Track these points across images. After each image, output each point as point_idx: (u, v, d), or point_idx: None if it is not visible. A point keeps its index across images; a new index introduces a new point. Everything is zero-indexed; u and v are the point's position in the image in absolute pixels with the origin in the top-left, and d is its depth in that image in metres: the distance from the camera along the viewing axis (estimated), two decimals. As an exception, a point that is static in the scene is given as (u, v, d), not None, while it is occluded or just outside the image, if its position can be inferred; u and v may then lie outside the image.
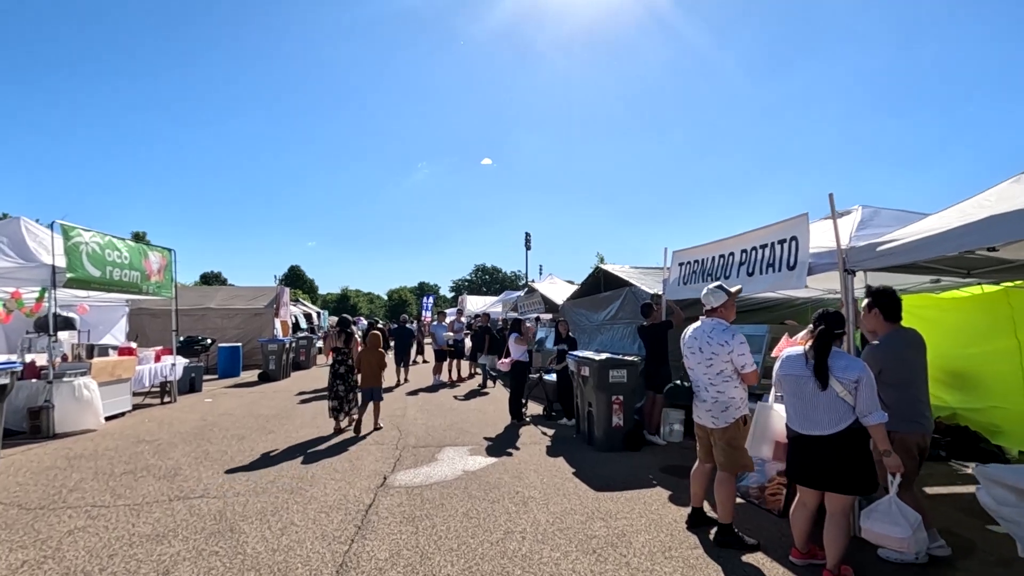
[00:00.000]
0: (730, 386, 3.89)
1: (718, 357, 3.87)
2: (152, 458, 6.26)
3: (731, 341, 3.83)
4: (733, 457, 3.89)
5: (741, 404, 3.91)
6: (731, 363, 3.86)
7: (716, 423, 3.92)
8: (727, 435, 3.89)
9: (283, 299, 21.59)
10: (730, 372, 3.88)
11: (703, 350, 3.95)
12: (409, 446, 6.81)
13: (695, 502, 4.27)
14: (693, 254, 6.80)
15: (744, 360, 3.83)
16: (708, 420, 3.98)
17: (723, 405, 3.90)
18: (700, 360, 3.99)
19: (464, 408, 9.81)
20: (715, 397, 3.92)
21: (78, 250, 8.05)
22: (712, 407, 3.94)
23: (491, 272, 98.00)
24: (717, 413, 3.91)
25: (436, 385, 13.26)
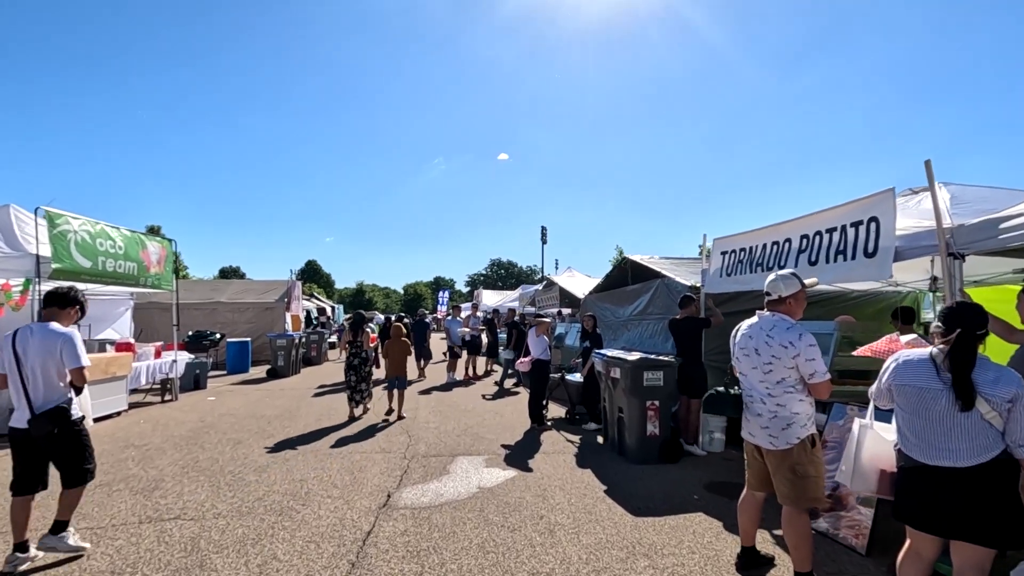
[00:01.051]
0: (794, 398, 3.10)
1: (779, 362, 3.09)
2: (135, 467, 5.65)
3: (797, 342, 3.04)
4: (800, 488, 3.08)
5: (807, 421, 3.12)
6: (796, 369, 3.07)
7: (774, 443, 3.13)
8: (789, 460, 3.10)
9: (295, 293, 21.11)
10: (794, 381, 3.09)
11: (760, 352, 3.17)
12: (419, 455, 6.12)
13: (745, 540, 3.49)
14: (739, 241, 5.98)
15: (814, 366, 3.04)
16: (764, 439, 3.19)
17: (784, 421, 3.11)
18: (756, 365, 3.21)
19: (480, 410, 9.10)
20: (773, 411, 3.13)
21: (65, 239, 7.49)
22: (769, 423, 3.15)
23: (507, 267, 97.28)
24: (776, 431, 3.12)
25: (450, 383, 12.58)
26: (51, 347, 3.48)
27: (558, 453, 6.29)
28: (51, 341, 3.49)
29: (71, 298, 3.74)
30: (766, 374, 3.15)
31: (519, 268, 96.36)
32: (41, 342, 3.48)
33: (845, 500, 3.91)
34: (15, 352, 3.47)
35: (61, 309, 3.69)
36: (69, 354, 3.52)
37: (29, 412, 3.44)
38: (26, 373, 3.46)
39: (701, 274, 6.69)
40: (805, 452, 3.09)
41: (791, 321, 3.19)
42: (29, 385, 3.46)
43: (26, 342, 3.48)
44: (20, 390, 3.47)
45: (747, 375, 3.32)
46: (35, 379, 3.47)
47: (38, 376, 3.47)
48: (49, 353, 3.48)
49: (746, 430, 3.35)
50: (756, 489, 3.40)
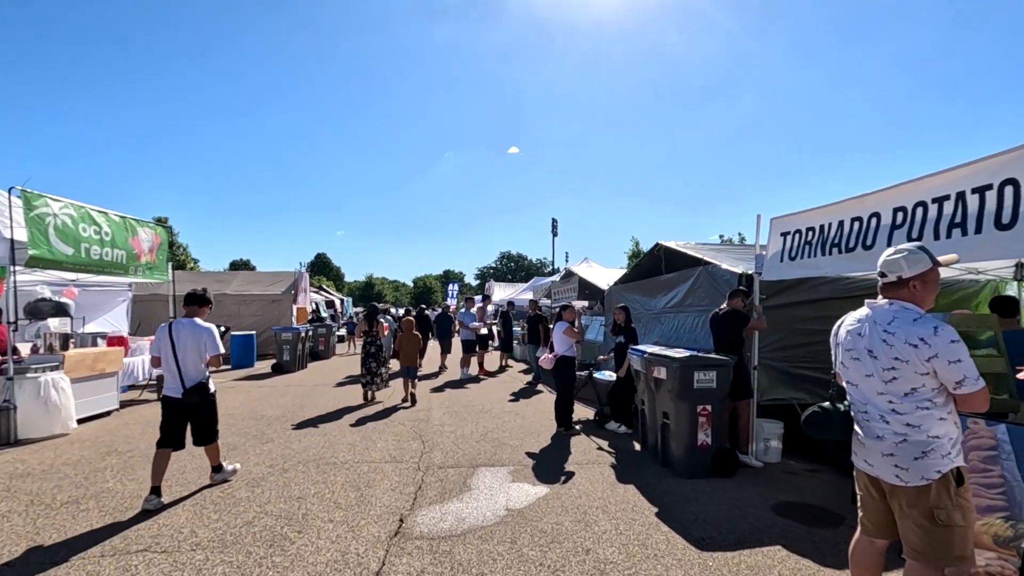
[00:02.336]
0: (931, 416, 2.26)
1: (906, 367, 2.26)
2: (112, 479, 4.95)
3: (932, 339, 2.21)
4: (938, 541, 2.25)
5: (952, 448, 2.27)
6: (933, 376, 2.25)
7: (903, 478, 2.30)
8: (925, 502, 2.26)
9: (302, 284, 20.44)
10: (931, 392, 2.26)
11: (877, 354, 2.35)
12: (434, 465, 5.37)
13: None
14: (805, 219, 5.13)
15: (961, 370, 2.20)
16: (887, 471, 2.36)
17: (917, 448, 2.27)
18: (871, 371, 2.38)
19: (499, 410, 8.34)
20: (902, 434, 2.30)
21: (43, 223, 6.79)
22: (896, 450, 2.32)
23: (516, 259, 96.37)
24: (905, 461, 2.29)
25: (464, 379, 11.84)
26: (198, 337, 4.54)
27: (592, 463, 5.52)
28: (199, 333, 4.55)
29: (207, 299, 4.85)
30: (888, 384, 2.33)
31: (529, 261, 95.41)
32: (191, 333, 4.53)
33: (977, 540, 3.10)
34: (171, 340, 4.49)
35: (200, 307, 4.75)
36: (211, 344, 4.58)
37: (182, 386, 4.48)
38: (179, 356, 4.48)
39: (755, 260, 5.85)
40: (948, 492, 2.25)
41: (918, 311, 2.36)
42: (181, 365, 4.48)
43: (179, 332, 4.52)
44: (174, 369, 4.49)
45: (859, 385, 2.49)
46: (185, 361, 4.50)
47: (187, 359, 4.50)
48: (196, 341, 4.53)
49: (860, 457, 2.52)
50: (874, 535, 2.57)
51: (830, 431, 2.62)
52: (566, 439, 6.52)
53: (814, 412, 2.72)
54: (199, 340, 4.52)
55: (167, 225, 9.61)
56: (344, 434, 6.71)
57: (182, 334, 4.51)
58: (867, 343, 2.42)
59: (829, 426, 2.61)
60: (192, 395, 4.48)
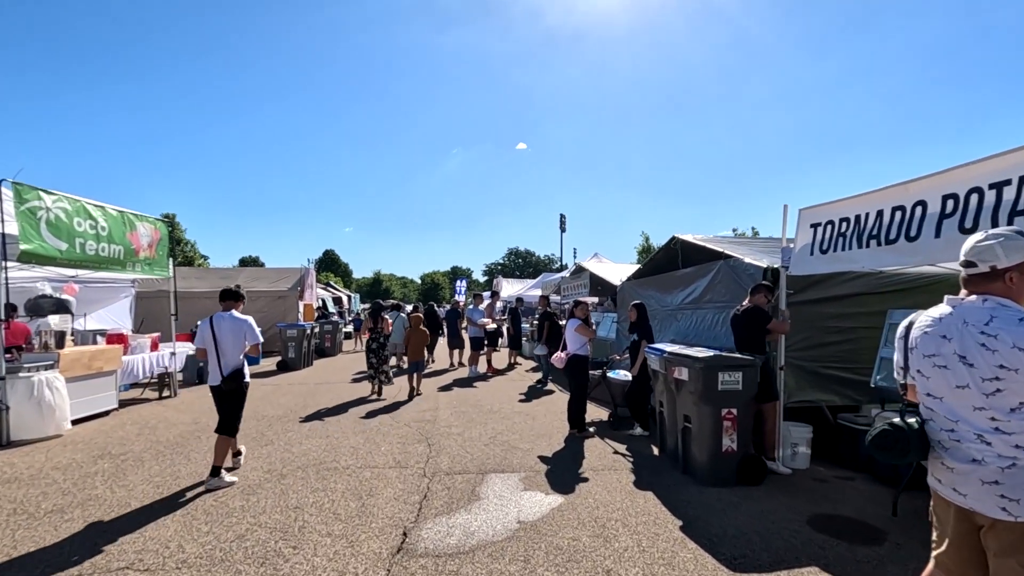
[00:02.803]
0: None
1: (1018, 375, 1.88)
2: (102, 485, 4.69)
3: None
4: None
5: None
6: None
7: (1012, 511, 1.88)
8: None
9: (308, 281, 20.23)
10: None
11: (973, 360, 1.96)
12: (440, 471, 5.07)
13: None
14: (839, 209, 4.76)
15: None
16: (986, 502, 1.94)
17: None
18: (965, 382, 1.98)
19: (508, 411, 8.04)
20: (1011, 457, 1.90)
21: (35, 216, 6.54)
22: (1002, 477, 1.90)
23: (524, 256, 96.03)
24: (1015, 491, 1.88)
25: (472, 378, 11.55)
26: (239, 328, 4.92)
27: (608, 470, 5.19)
28: (239, 325, 4.93)
29: (240, 294, 5.23)
30: (990, 397, 1.94)
31: (537, 257, 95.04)
32: (231, 325, 4.90)
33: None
34: (213, 333, 4.83)
35: (235, 301, 5.12)
36: (251, 333, 4.98)
37: (220, 374, 4.81)
38: (220, 346, 4.83)
39: (782, 253, 5.49)
40: None
41: (1020, 309, 2.01)
42: (221, 355, 4.82)
43: (219, 325, 4.87)
44: (215, 359, 4.83)
45: (944, 398, 2.09)
46: (224, 351, 4.85)
47: (227, 349, 4.86)
48: (237, 333, 4.90)
49: (946, 484, 2.11)
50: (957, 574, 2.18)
51: (906, 454, 2.23)
52: (579, 442, 6.20)
53: (884, 432, 2.32)
54: (239, 331, 4.92)
55: (168, 220, 9.35)
56: (347, 436, 6.43)
57: (223, 326, 4.89)
58: (958, 348, 2.02)
59: (905, 448, 2.22)
60: (229, 382, 4.83)
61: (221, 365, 4.81)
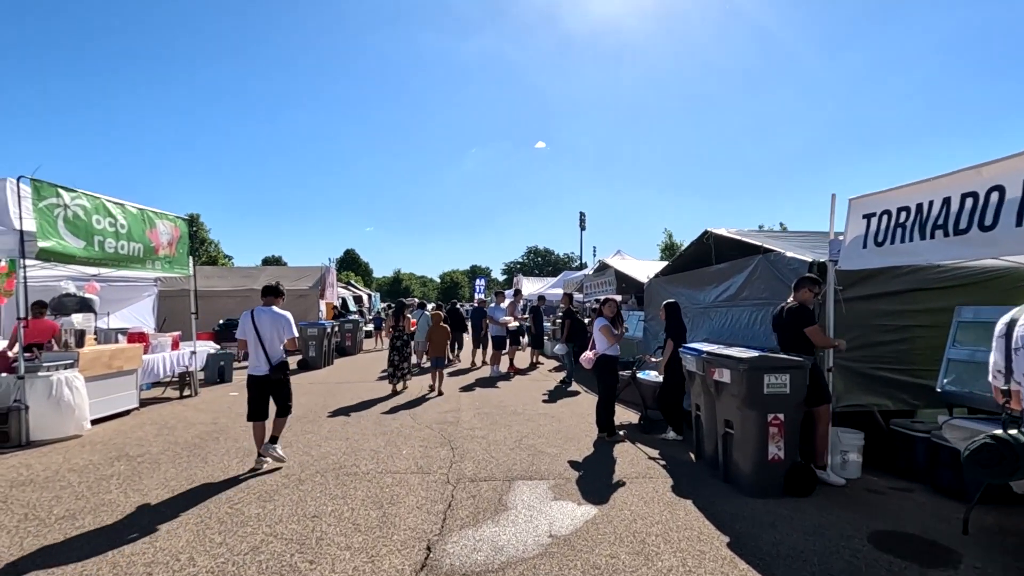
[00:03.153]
0: None
1: None
2: (117, 489, 4.53)
3: None
4: None
5: None
6: None
7: None
8: None
9: (329, 279, 20.24)
10: None
11: None
12: (465, 477, 4.81)
13: None
14: (897, 198, 4.37)
15: None
16: None
17: None
18: None
19: (533, 412, 7.75)
20: None
21: (52, 214, 6.45)
22: None
23: (543, 254, 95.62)
24: None
25: (494, 377, 11.29)
26: (278, 323, 5.17)
27: (643, 478, 4.88)
28: (278, 319, 5.19)
29: (280, 290, 5.44)
30: None
31: (556, 255, 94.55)
32: (271, 319, 5.15)
33: None
34: (255, 326, 5.09)
35: (275, 297, 5.35)
36: (288, 329, 5.22)
37: (267, 365, 5.11)
38: (264, 339, 5.09)
39: (829, 246, 5.09)
40: None
41: None
42: (267, 347, 5.10)
43: (260, 319, 5.13)
44: (260, 350, 5.10)
45: None
46: (270, 343, 5.12)
47: (270, 341, 5.12)
48: (277, 327, 5.15)
49: None
50: None
51: (1015, 471, 1.91)
52: (609, 447, 5.89)
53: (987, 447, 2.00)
54: (278, 325, 5.16)
55: (192, 220, 9.24)
56: (367, 438, 6.21)
57: (263, 320, 5.13)
58: None
59: (1014, 464, 1.90)
60: (276, 372, 5.15)
61: (268, 355, 5.11)
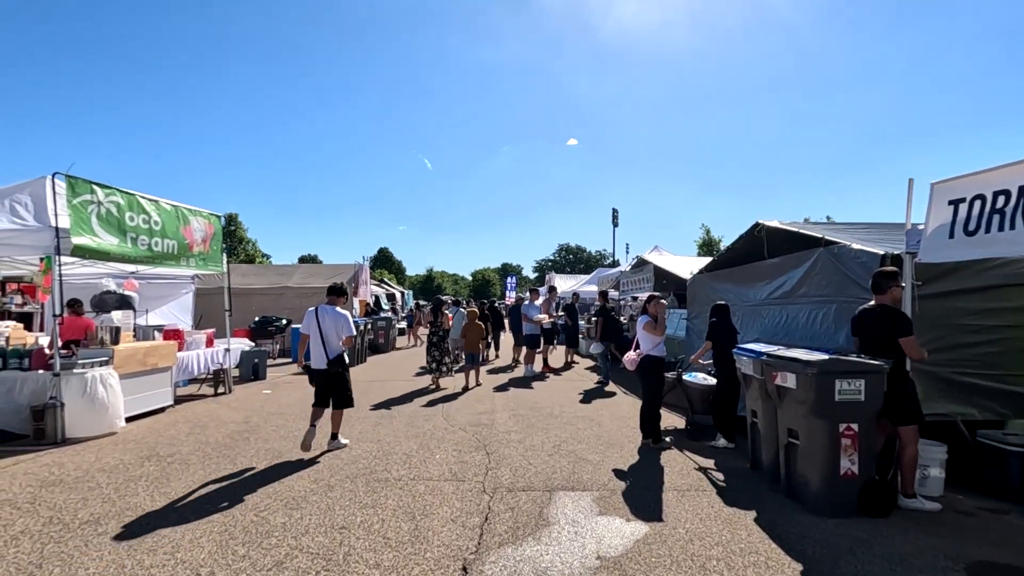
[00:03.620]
0: None
1: None
2: (144, 491, 4.39)
3: None
4: None
5: None
6: None
7: None
8: None
9: (362, 277, 20.26)
10: None
11: None
12: (502, 486, 4.50)
13: None
14: (991, 180, 3.83)
15: None
16: None
17: None
18: None
19: (570, 415, 7.39)
20: None
21: (85, 210, 6.43)
22: None
23: (575, 251, 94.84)
24: None
25: (529, 377, 10.96)
26: (339, 321, 5.60)
27: (696, 490, 4.47)
28: (339, 317, 5.61)
29: (344, 291, 5.90)
30: None
31: (588, 252, 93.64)
32: (332, 318, 5.59)
33: None
34: (318, 323, 5.55)
35: (338, 297, 5.78)
36: (346, 327, 5.64)
37: (327, 359, 5.52)
38: (325, 335, 5.53)
39: (906, 237, 4.57)
40: None
41: None
42: (327, 342, 5.53)
43: (323, 316, 5.57)
44: (321, 346, 5.54)
45: None
46: (329, 339, 5.54)
47: (330, 337, 5.54)
48: (337, 324, 5.59)
49: None
50: None
51: None
52: (655, 455, 5.49)
53: None
54: (339, 323, 5.62)
55: (221, 215, 9.21)
56: (399, 441, 5.97)
57: (326, 318, 5.61)
58: None
59: None
60: (334, 365, 5.57)
61: (327, 351, 5.54)
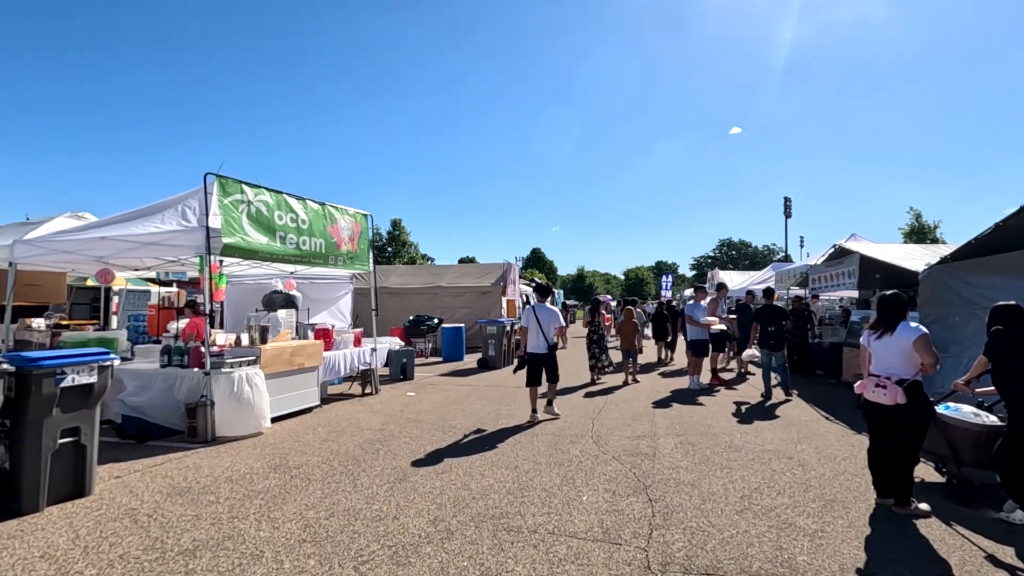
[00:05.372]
0: None
1: None
2: (253, 515, 3.91)
3: None
4: None
5: None
6: None
7: None
8: None
9: (511, 276, 19.87)
10: None
11: None
12: (674, 562, 3.19)
13: None
14: None
15: None
16: None
17: None
18: None
19: (757, 447, 5.73)
20: None
21: (237, 210, 6.45)
22: None
23: (738, 246, 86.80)
24: None
25: (695, 390, 9.30)
26: (551, 316, 7.08)
27: (1007, 612, 2.71)
28: (552, 313, 7.11)
29: (550, 290, 7.90)
30: None
31: (754, 248, 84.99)
32: (547, 313, 7.09)
33: None
34: (536, 317, 7.02)
35: (546, 296, 7.57)
36: (557, 320, 7.09)
37: (546, 346, 7.01)
38: (543, 327, 7.00)
39: None
40: None
41: None
42: (546, 333, 6.98)
43: (540, 312, 7.06)
44: (540, 336, 7.01)
45: None
46: (546, 330, 7.00)
47: (547, 329, 7.01)
48: (550, 319, 7.05)
49: None
50: None
51: None
52: (905, 526, 3.72)
53: None
54: (551, 318, 7.05)
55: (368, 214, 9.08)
56: (539, 469, 4.95)
57: (542, 313, 7.05)
58: None
59: None
60: (551, 351, 7.03)
61: (546, 339, 7.00)
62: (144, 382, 6.26)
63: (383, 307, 18.53)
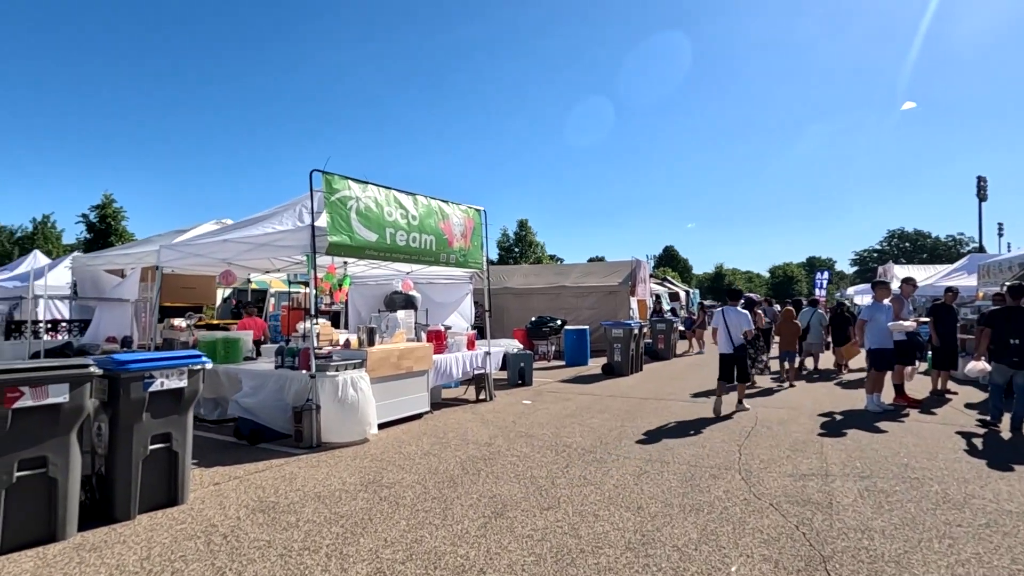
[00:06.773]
0: None
1: None
2: (325, 548, 3.40)
3: None
4: None
5: None
6: None
7: None
8: None
9: (640, 275, 18.45)
10: None
11: None
12: None
13: None
14: None
15: None
16: None
17: None
18: None
19: (987, 503, 4.08)
20: None
21: (344, 207, 6.21)
22: None
23: (912, 238, 74.73)
24: None
25: (874, 412, 7.43)
26: (740, 318, 7.62)
27: None
28: (740, 315, 7.68)
29: (740, 293, 8.39)
30: None
31: (934, 239, 72.47)
32: (736, 315, 7.65)
33: None
34: (724, 320, 7.62)
35: (737, 299, 8.06)
36: (746, 322, 7.64)
37: (732, 346, 7.53)
38: (731, 329, 7.54)
39: None
40: None
41: None
42: (733, 335, 7.52)
43: (728, 314, 7.65)
44: (727, 335, 7.56)
45: None
46: (734, 332, 7.53)
47: (734, 330, 7.53)
48: (739, 321, 7.59)
49: None
50: None
51: None
52: None
53: None
54: (740, 320, 7.56)
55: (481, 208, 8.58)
56: (670, 513, 3.90)
57: (731, 316, 7.58)
58: None
59: None
60: (738, 351, 7.51)
61: (733, 340, 7.45)
62: (259, 383, 6.26)
63: (506, 308, 18.25)
